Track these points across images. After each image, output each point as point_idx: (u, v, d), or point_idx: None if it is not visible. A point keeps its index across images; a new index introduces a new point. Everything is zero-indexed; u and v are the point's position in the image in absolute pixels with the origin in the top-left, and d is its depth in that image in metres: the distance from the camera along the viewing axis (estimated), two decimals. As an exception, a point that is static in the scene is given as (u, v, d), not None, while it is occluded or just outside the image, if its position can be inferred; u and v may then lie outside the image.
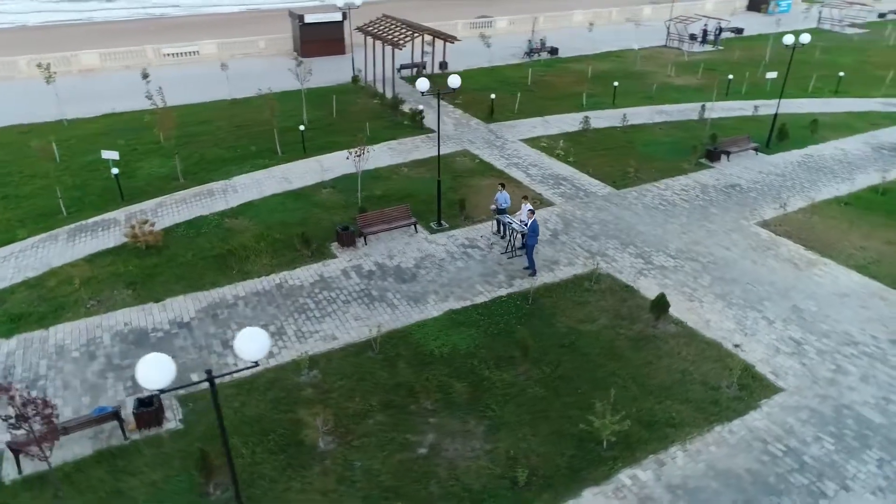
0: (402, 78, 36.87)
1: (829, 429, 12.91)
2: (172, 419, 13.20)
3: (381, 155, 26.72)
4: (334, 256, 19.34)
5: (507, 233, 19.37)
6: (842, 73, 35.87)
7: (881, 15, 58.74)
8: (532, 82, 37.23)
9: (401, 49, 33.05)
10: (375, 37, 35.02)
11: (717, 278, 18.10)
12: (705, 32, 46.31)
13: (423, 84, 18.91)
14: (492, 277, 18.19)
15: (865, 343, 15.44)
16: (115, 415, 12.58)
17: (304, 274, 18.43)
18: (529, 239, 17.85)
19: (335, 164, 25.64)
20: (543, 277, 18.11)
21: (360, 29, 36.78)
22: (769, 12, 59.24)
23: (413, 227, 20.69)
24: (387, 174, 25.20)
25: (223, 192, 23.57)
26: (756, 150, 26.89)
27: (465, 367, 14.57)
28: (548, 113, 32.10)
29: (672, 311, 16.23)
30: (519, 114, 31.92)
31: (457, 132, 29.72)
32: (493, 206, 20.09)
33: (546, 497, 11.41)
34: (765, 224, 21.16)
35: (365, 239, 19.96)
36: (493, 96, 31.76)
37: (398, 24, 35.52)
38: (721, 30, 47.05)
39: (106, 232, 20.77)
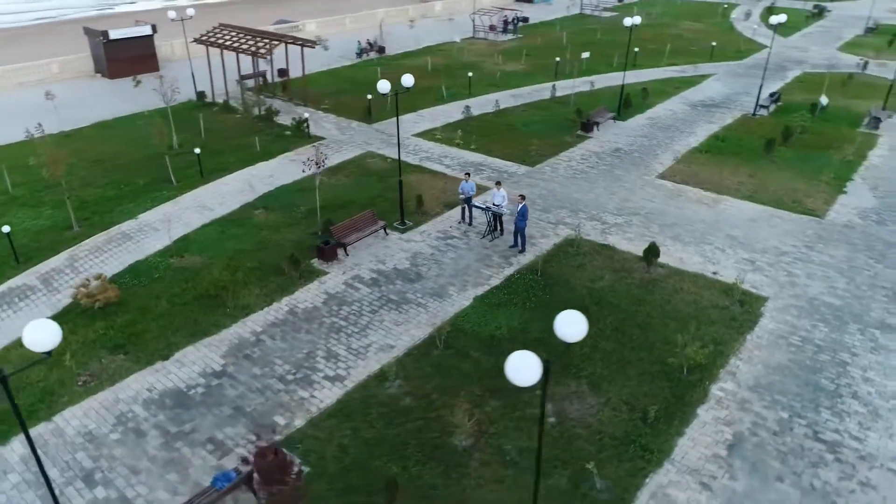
0: (248, 90, 35.04)
1: (816, 317, 16.55)
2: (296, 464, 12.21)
3: (290, 168, 25.71)
4: (324, 273, 18.67)
5: (487, 217, 20.43)
6: (637, 49, 42.63)
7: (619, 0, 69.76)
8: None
9: (266, 58, 31.55)
10: (224, 47, 32.84)
11: (662, 225, 21.30)
12: (506, 22, 51.05)
13: (384, 85, 19.08)
14: (489, 261, 19.21)
15: (791, 252, 19.70)
16: (249, 477, 11.32)
17: (309, 295, 17.59)
18: (520, 222, 19.20)
19: (249, 183, 24.22)
20: (531, 252, 19.63)
21: (199, 40, 34.04)
22: (535, 1, 66.78)
23: (383, 230, 20.69)
24: (309, 186, 24.37)
25: (140, 232, 20.93)
26: (614, 118, 31.23)
27: (532, 341, 15.56)
28: (419, 108, 33.27)
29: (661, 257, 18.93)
30: (391, 112, 32.60)
31: (346, 136, 29.58)
32: (462, 195, 20.98)
33: (676, 422, 13.14)
34: (662, 176, 25.13)
35: (346, 250, 19.51)
36: (369, 97, 32.02)
37: (241, 32, 33.70)
38: (518, 19, 52.25)
39: (27, 301, 17.38)
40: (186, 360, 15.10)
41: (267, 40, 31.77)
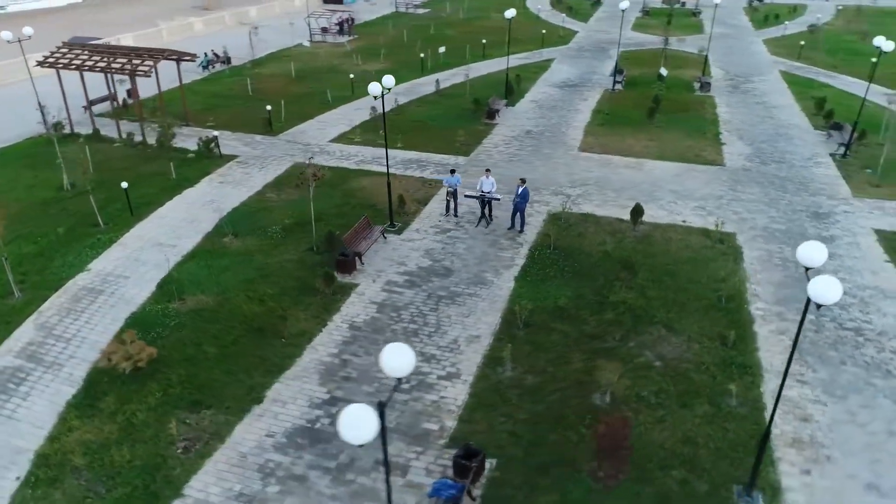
0: (100, 115, 31.15)
1: (777, 240, 20.30)
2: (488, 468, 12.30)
3: (227, 191, 23.91)
4: (354, 284, 18.16)
5: (481, 205, 21.26)
6: (484, 41, 45.60)
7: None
8: (253, 91, 36.16)
9: (148, 76, 28.24)
10: (81, 69, 28.68)
11: (613, 191, 23.98)
12: (341, 24, 50.94)
13: (375, 88, 18.95)
14: (500, 245, 20.19)
15: (723, 195, 23.58)
16: (468, 491, 11.24)
17: (357, 308, 17.08)
18: (521, 203, 20.42)
19: (190, 213, 22.25)
20: (528, 231, 20.99)
21: (46, 63, 29.23)
22: (349, 1, 67.15)
23: (382, 235, 20.50)
24: (258, 206, 22.96)
25: (106, 283, 18.27)
26: (506, 104, 33.58)
27: (594, 302, 17.04)
28: (313, 115, 32.47)
29: (625, 216, 21.44)
30: (287, 122, 31.45)
31: (260, 151, 28.00)
32: (449, 188, 21.53)
33: (749, 341, 15.60)
34: (583, 149, 28.00)
35: (360, 259, 19.08)
36: (269, 107, 30.46)
37: (98, 50, 29.73)
38: (353, 20, 52.38)
39: (31, 384, 14.52)
40: (285, 398, 14.00)
41: (138, 57, 28.48)
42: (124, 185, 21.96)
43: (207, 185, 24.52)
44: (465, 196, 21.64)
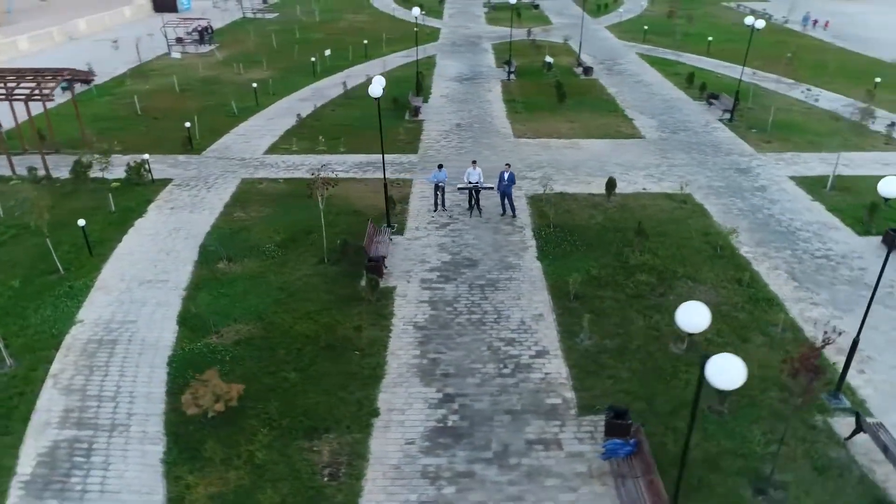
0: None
1: (725, 195, 23.42)
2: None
3: (186, 217, 22.11)
4: (390, 287, 17.96)
5: (470, 196, 21.85)
6: (366, 41, 45.44)
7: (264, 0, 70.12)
8: (142, 110, 32.97)
9: (52, 100, 24.58)
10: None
11: (568, 170, 25.81)
12: (201, 33, 47.69)
13: (377, 89, 18.80)
14: (504, 231, 21.02)
15: (660, 163, 26.47)
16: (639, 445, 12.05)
17: (409, 310, 16.99)
18: (508, 188, 21.35)
19: (160, 244, 20.52)
20: (520, 214, 22.06)
21: None
22: (185, 8, 62.71)
23: (388, 237, 20.33)
24: (234, 227, 21.54)
25: (112, 331, 16.29)
26: (422, 101, 34.18)
27: (620, 268, 18.58)
28: (227, 129, 30.58)
29: (597, 189, 23.41)
30: (203, 139, 29.30)
31: (194, 172, 25.88)
32: (440, 184, 21.81)
33: (758, 280, 18.11)
34: (518, 136, 29.58)
35: (384, 263, 18.85)
36: (187, 124, 28.10)
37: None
38: (212, 29, 49.18)
39: (109, 453, 12.75)
40: (400, 406, 13.74)
41: (40, 77, 24.81)
42: (81, 222, 19.31)
43: (158, 214, 22.31)
44: (459, 189, 22.14)
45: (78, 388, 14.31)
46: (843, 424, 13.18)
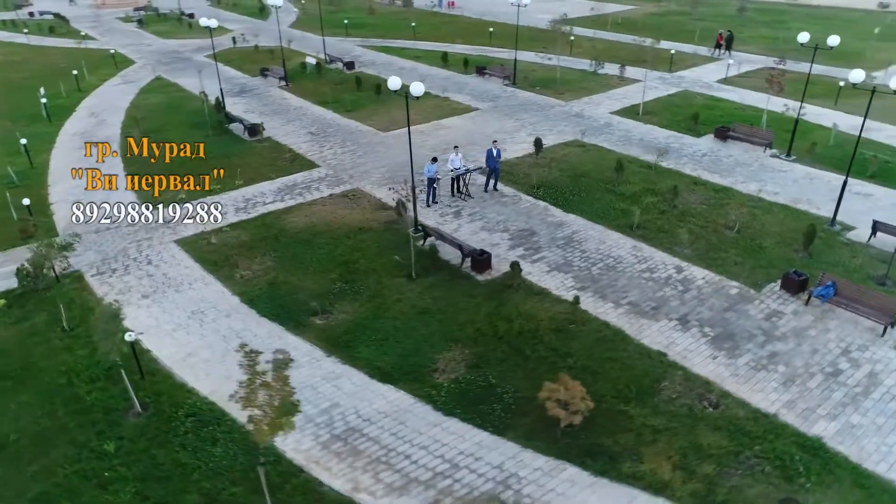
0: None
1: (662, 143, 28.77)
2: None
3: (194, 297, 17.38)
4: (505, 270, 18.03)
5: (458, 182, 22.42)
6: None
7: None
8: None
9: None
10: None
11: (471, 145, 27.37)
12: None
13: (394, 82, 17.95)
14: (507, 202, 22.32)
15: (520, 125, 30.28)
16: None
17: (553, 282, 17.61)
18: (494, 164, 22.56)
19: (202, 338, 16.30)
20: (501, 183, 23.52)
21: None
22: None
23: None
24: (264, 290, 17.89)
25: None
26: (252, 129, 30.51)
27: (633, 201, 21.98)
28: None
29: (518, 153, 26.21)
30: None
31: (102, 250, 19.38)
32: (434, 177, 21.59)
33: (756, 225, 23.92)
34: (382, 130, 29.50)
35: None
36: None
37: None
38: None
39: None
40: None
41: None
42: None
43: (139, 311, 16.63)
44: (452, 173, 22.28)
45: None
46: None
